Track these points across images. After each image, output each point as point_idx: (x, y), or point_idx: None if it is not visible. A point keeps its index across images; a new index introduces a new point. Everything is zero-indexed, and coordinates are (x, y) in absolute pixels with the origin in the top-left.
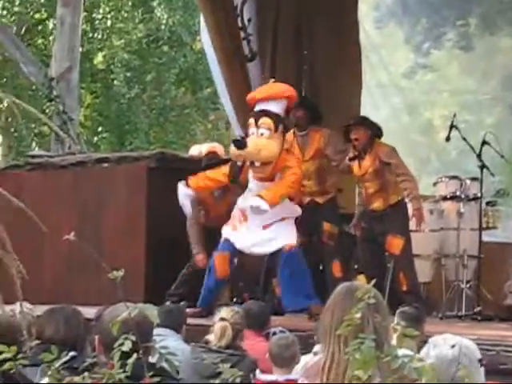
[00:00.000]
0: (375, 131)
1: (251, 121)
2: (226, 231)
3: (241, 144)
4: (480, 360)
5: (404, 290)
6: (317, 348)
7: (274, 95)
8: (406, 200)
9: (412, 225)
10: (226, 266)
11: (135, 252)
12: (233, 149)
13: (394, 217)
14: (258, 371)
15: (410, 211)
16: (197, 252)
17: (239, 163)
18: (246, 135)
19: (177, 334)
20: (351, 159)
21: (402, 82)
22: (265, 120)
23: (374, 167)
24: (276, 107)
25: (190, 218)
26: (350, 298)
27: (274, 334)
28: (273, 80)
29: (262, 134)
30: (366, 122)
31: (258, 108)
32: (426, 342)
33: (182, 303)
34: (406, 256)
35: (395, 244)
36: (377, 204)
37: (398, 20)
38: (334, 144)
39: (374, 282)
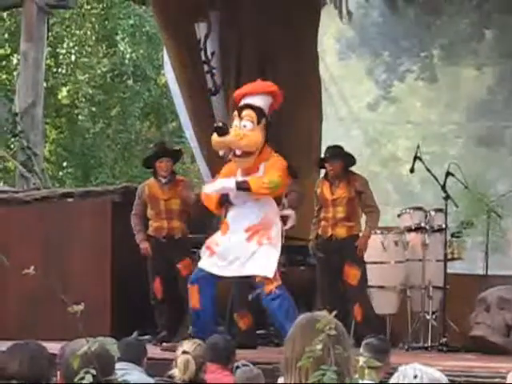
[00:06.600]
0: (348, 162)
1: (235, 113)
2: (202, 258)
3: (222, 130)
4: None
5: (359, 320)
6: (280, 381)
7: (258, 89)
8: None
9: (376, 256)
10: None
11: (101, 287)
12: (214, 136)
13: (353, 247)
14: None
15: (369, 242)
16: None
17: (221, 153)
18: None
19: (138, 367)
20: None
21: (365, 114)
22: (248, 112)
23: (348, 195)
24: (260, 101)
25: (133, 212)
26: (310, 330)
27: (238, 367)
28: None
29: (244, 126)
30: (339, 155)
31: (242, 102)
32: (392, 373)
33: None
34: (362, 287)
35: (352, 274)
36: (340, 231)
37: (360, 52)
38: None
39: (334, 313)
